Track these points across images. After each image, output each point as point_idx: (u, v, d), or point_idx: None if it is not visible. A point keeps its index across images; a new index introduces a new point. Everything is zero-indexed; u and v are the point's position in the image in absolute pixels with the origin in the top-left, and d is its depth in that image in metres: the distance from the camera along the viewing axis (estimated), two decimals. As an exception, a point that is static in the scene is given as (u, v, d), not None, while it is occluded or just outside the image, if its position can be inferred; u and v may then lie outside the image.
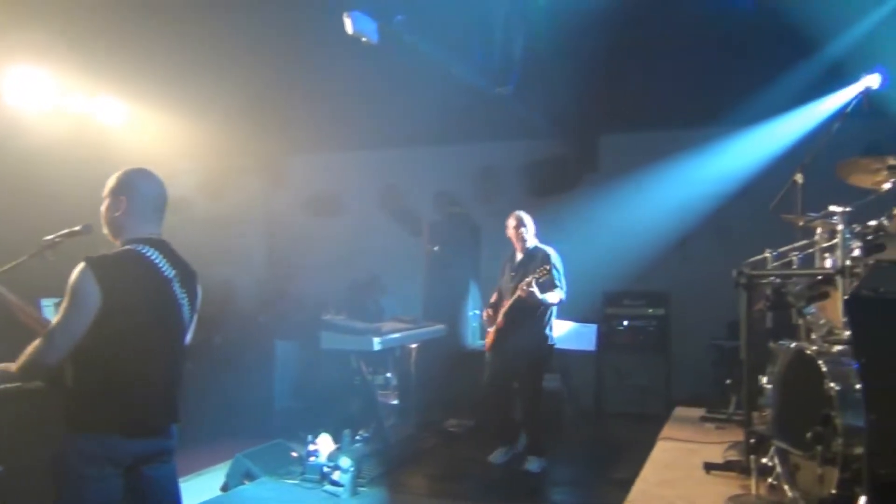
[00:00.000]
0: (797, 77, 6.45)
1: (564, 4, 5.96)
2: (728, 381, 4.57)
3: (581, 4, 6.03)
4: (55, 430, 2.75)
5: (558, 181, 8.87)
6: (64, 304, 2.66)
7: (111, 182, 2.94)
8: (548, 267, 6.02)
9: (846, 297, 2.93)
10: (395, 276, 8.83)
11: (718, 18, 5.93)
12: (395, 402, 7.64)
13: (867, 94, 4.13)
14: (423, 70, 6.51)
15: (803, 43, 5.70)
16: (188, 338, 3.14)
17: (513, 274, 6.31)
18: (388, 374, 7.92)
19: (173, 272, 2.89)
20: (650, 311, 8.39)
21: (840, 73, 5.66)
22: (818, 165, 4.75)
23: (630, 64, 7.16)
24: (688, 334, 8.24)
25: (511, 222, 6.43)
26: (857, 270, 3.30)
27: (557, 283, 6.14)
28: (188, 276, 2.99)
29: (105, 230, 2.95)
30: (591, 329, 7.65)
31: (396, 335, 6.77)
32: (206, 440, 6.77)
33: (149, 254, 2.84)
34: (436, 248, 7.62)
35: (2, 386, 3.43)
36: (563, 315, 7.89)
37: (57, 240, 3.37)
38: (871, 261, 3.07)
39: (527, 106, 7.60)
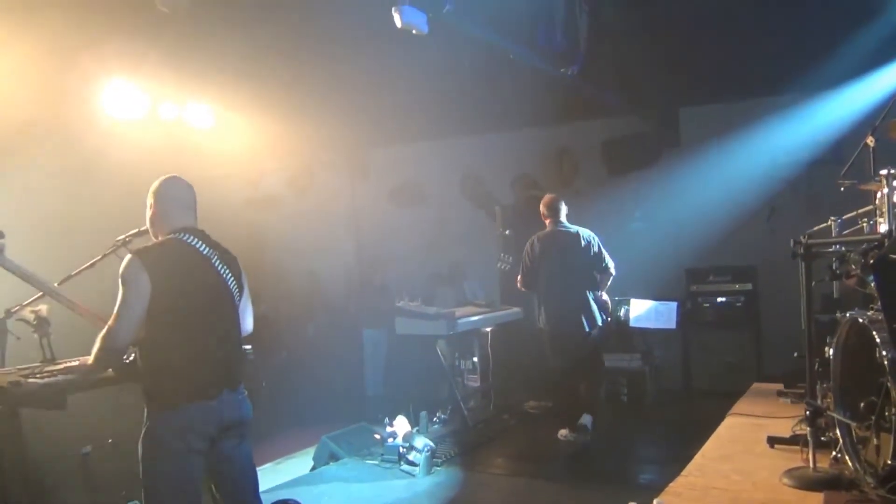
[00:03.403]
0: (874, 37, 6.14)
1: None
2: (795, 354, 4.44)
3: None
4: (135, 412, 3.02)
5: (638, 158, 8.72)
6: (120, 294, 2.94)
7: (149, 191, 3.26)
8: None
9: (871, 261, 2.83)
10: (477, 262, 8.94)
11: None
12: (477, 384, 7.78)
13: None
14: (493, 57, 6.54)
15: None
16: (249, 322, 3.39)
17: None
18: (475, 359, 8.06)
19: (210, 251, 3.18)
20: (737, 286, 8.14)
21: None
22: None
23: (703, 33, 6.95)
24: (779, 309, 7.92)
25: None
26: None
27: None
28: (228, 257, 3.26)
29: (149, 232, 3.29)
30: (671, 307, 7.51)
31: (470, 319, 6.90)
32: (300, 425, 7.14)
33: (186, 238, 3.13)
34: (507, 232, 7.67)
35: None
36: (642, 294, 7.83)
37: (128, 239, 3.75)
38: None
39: (599, 85, 7.50)
